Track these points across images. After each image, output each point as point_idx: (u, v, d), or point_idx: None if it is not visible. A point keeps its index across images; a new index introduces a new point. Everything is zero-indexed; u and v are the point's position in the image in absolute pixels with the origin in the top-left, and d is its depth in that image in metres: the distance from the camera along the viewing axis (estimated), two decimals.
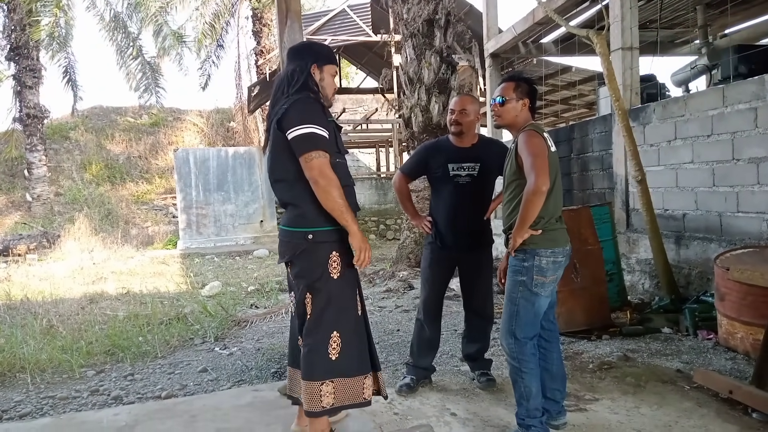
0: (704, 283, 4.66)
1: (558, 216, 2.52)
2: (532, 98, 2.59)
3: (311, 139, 2.15)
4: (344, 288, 2.29)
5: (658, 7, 7.92)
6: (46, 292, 7.00)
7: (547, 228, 2.46)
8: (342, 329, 2.26)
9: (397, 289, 6.49)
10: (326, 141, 2.19)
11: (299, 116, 2.17)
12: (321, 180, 2.13)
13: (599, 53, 4.82)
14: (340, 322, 2.27)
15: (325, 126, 2.21)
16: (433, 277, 3.20)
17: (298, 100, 2.22)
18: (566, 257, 2.54)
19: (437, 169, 3.11)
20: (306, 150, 2.14)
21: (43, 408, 3.24)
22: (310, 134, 2.15)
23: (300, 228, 2.25)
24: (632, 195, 5.62)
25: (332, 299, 2.26)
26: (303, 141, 2.15)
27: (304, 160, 2.15)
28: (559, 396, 2.62)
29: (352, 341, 2.29)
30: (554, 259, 2.47)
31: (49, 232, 12.93)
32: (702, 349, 3.75)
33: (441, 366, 3.60)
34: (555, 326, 2.68)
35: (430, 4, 7.30)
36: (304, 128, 2.15)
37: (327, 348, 2.24)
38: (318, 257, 2.25)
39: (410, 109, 7.50)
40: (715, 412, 2.74)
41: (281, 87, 2.32)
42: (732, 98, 4.44)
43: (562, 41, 8.62)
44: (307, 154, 2.14)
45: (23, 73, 15.50)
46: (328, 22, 13.71)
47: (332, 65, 2.40)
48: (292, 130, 2.16)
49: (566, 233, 2.57)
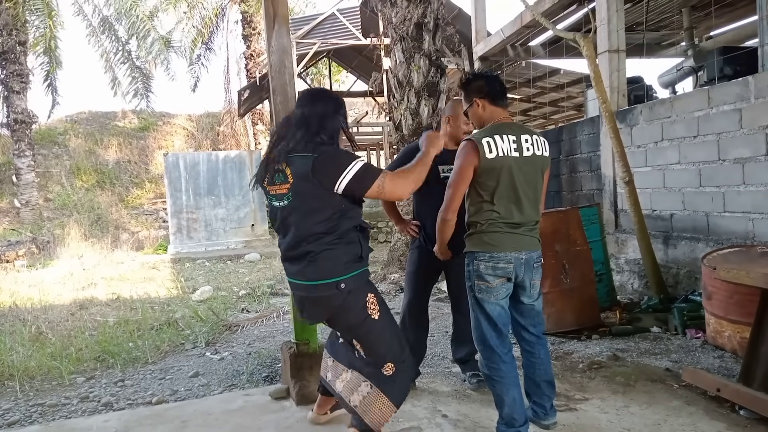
0: (692, 283, 4.70)
1: (507, 220, 2.39)
2: (489, 93, 2.49)
3: (370, 171, 2.15)
4: (392, 324, 2.34)
5: (644, 10, 8.00)
6: (35, 298, 6.93)
7: (485, 231, 2.41)
8: (397, 362, 2.30)
9: (389, 291, 6.50)
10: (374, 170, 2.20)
11: (343, 160, 2.12)
12: (401, 184, 2.20)
13: (586, 56, 4.87)
14: (392, 351, 2.30)
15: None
16: (419, 280, 3.18)
17: (328, 148, 2.16)
18: (516, 263, 2.39)
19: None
20: (373, 179, 2.14)
21: (32, 416, 3.21)
22: (364, 166, 2.14)
23: (328, 279, 2.16)
24: (620, 196, 5.67)
25: (381, 335, 2.28)
26: (364, 176, 2.13)
27: (374, 194, 2.14)
28: (547, 400, 2.59)
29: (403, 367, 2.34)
30: (493, 264, 2.38)
31: (39, 238, 12.81)
32: (690, 347, 3.79)
33: (432, 368, 3.61)
34: (536, 335, 2.58)
35: (418, 7, 7.32)
36: (355, 165, 2.12)
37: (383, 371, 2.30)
38: (357, 306, 2.22)
39: (400, 112, 7.52)
40: (704, 410, 2.77)
41: (305, 128, 2.20)
42: (717, 99, 4.49)
43: (550, 44, 8.68)
44: (376, 182, 2.14)
45: (10, 78, 15.36)
46: (318, 26, 13.72)
47: (346, 118, 2.39)
48: (343, 175, 2.10)
49: (521, 239, 2.42)
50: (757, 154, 4.18)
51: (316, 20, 13.85)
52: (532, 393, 2.61)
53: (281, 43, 2.99)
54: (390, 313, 2.34)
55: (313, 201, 2.13)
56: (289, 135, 2.19)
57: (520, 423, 2.41)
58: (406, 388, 2.36)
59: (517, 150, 2.40)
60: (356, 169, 2.11)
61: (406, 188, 2.23)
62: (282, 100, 3.03)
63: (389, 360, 2.26)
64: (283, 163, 2.16)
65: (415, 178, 2.25)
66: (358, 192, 2.13)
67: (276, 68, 3.01)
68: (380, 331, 2.26)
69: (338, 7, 13.76)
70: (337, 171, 2.10)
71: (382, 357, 2.26)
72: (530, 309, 2.55)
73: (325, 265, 2.14)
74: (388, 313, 2.32)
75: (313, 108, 2.25)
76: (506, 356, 2.45)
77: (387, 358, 2.26)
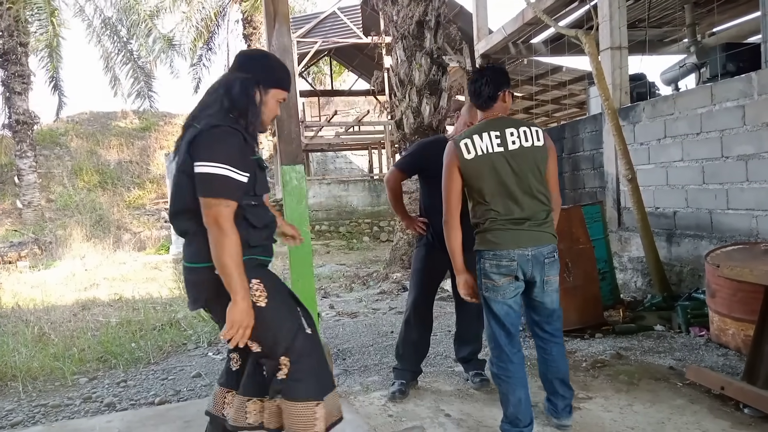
0: (696, 280, 4.69)
1: (509, 217, 2.38)
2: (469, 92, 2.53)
3: (218, 184, 1.79)
4: (280, 309, 1.96)
5: (646, 7, 7.98)
6: (37, 299, 6.95)
7: (488, 229, 2.41)
8: (291, 352, 1.95)
9: (391, 290, 6.49)
10: (238, 187, 1.82)
11: (213, 149, 1.80)
12: (214, 231, 1.78)
13: (588, 53, 4.85)
14: (283, 339, 1.95)
15: (243, 166, 1.84)
16: (426, 277, 3.16)
17: (219, 126, 1.84)
18: (519, 260, 2.37)
19: (437, 166, 3.07)
20: (207, 194, 1.79)
21: (35, 416, 3.21)
22: (219, 176, 1.79)
23: (209, 263, 1.84)
24: (623, 193, 5.65)
25: (269, 326, 1.92)
26: (208, 183, 1.79)
27: (203, 203, 1.80)
28: (560, 399, 2.58)
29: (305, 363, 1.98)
30: (497, 262, 2.37)
31: (41, 239, 12.84)
32: (694, 345, 3.77)
33: (435, 367, 3.60)
34: (550, 332, 2.55)
35: (420, 5, 7.31)
36: (214, 167, 1.78)
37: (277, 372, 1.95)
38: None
39: (402, 110, 7.51)
40: (708, 408, 2.75)
41: (213, 97, 1.94)
42: (720, 96, 4.47)
43: (552, 41, 8.67)
44: (207, 199, 1.79)
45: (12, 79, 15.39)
46: (319, 25, 13.71)
47: (282, 90, 2.01)
48: (200, 163, 1.80)
49: (525, 234, 2.39)
50: (760, 150, 4.15)
51: (317, 19, 13.85)
52: (546, 389, 2.61)
53: (282, 42, 2.98)
54: (285, 300, 2.01)
55: (187, 168, 1.86)
56: (207, 105, 1.94)
57: (524, 423, 2.39)
58: (315, 377, 1.99)
59: (501, 145, 2.37)
60: (209, 171, 1.79)
61: (212, 234, 1.79)
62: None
63: (281, 353, 1.93)
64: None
65: (221, 253, 1.78)
66: (197, 188, 1.82)
67: None
68: (267, 319, 1.91)
69: (339, 5, 13.76)
70: (201, 154, 1.81)
71: (272, 348, 1.94)
72: (543, 306, 2.50)
73: (202, 243, 1.85)
74: (280, 300, 1.99)
75: (233, 72, 1.98)
76: (515, 356, 2.43)
77: (278, 350, 1.93)
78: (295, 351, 1.95)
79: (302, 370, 1.95)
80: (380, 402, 3.01)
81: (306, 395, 1.95)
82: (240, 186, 1.83)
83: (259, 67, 1.98)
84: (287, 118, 3.03)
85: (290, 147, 3.05)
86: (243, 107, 1.91)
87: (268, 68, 2.00)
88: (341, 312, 5.56)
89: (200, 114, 1.92)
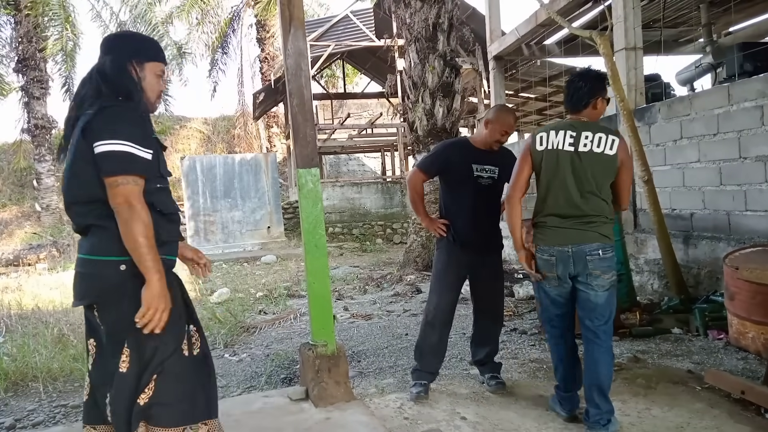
0: (714, 283, 4.63)
1: (553, 213, 2.56)
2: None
3: (123, 160, 1.68)
4: (172, 326, 1.79)
5: (661, 7, 7.91)
6: (56, 301, 7.04)
7: (538, 223, 2.63)
8: (162, 373, 1.80)
9: (405, 293, 6.49)
10: (144, 164, 1.73)
11: (111, 127, 1.70)
12: (124, 211, 1.67)
13: (603, 54, 4.82)
14: (162, 365, 1.80)
15: (145, 144, 1.74)
16: (451, 279, 3.12)
17: (111, 106, 1.74)
18: (558, 257, 2.53)
19: (460, 166, 3.07)
20: (114, 172, 1.67)
21: (56, 417, 3.27)
22: (122, 153, 1.68)
23: (108, 256, 1.73)
24: (639, 195, 5.60)
25: (160, 346, 1.79)
26: (112, 160, 1.68)
27: (109, 184, 1.68)
28: (592, 406, 2.51)
29: (175, 387, 1.83)
30: (540, 255, 2.60)
31: (59, 242, 13.03)
32: (713, 349, 3.73)
33: (450, 369, 3.60)
34: (593, 330, 2.57)
35: (433, 8, 7.32)
36: (116, 144, 1.68)
37: (137, 395, 1.78)
38: (136, 296, 1.71)
39: (415, 113, 7.52)
40: (728, 413, 2.72)
41: (88, 87, 1.82)
42: (738, 96, 4.42)
43: (566, 42, 8.62)
44: (114, 177, 1.67)
45: (31, 85, 15.67)
46: (332, 28, 13.77)
47: (157, 63, 1.90)
48: (99, 143, 1.68)
49: (568, 233, 2.52)
50: None
51: (329, 22, 13.90)
52: (584, 394, 2.60)
53: (297, 46, 3.00)
54: (179, 321, 1.88)
55: (81, 157, 1.76)
56: (82, 96, 1.83)
57: (562, 390, 2.71)
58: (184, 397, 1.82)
59: (573, 145, 2.50)
60: (110, 149, 1.68)
61: (122, 216, 1.68)
62: (299, 102, 3.03)
63: (154, 370, 1.78)
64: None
65: (131, 234, 1.67)
66: (100, 170, 1.70)
67: (292, 71, 3.02)
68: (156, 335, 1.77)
69: (352, 9, 13.81)
70: (99, 134, 1.70)
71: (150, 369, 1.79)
72: (587, 300, 2.57)
73: (103, 236, 1.77)
74: (177, 320, 1.86)
75: (101, 58, 1.87)
76: (553, 333, 2.74)
77: (155, 365, 1.78)
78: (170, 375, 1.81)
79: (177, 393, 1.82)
80: (396, 404, 3.01)
81: (175, 418, 1.81)
82: (145, 163, 1.73)
83: (126, 44, 1.91)
84: (303, 121, 3.05)
85: (306, 150, 3.06)
86: (124, 87, 1.81)
87: (136, 43, 1.94)
88: (356, 314, 5.58)
89: (83, 105, 1.80)
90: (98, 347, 1.85)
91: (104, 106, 1.74)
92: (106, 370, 1.81)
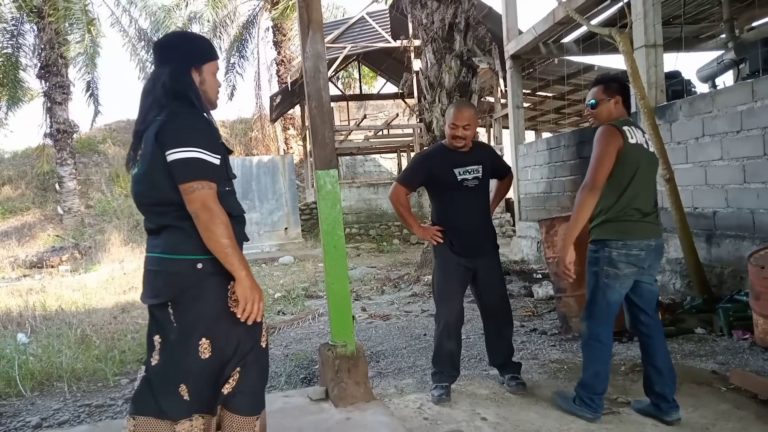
0: (738, 282, 4.55)
1: (639, 208, 2.56)
2: (623, 94, 2.71)
3: (196, 166, 1.76)
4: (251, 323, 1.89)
5: (681, 3, 7.80)
6: (79, 302, 7.16)
7: (616, 219, 2.55)
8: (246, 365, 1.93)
9: (423, 293, 6.48)
10: (214, 169, 1.80)
11: (181, 135, 1.77)
12: (203, 215, 1.75)
13: (622, 51, 4.77)
14: (245, 357, 1.92)
15: (214, 149, 1.82)
16: (454, 287, 3.09)
17: (181, 114, 1.81)
18: (647, 251, 2.56)
19: (443, 175, 3.05)
20: (188, 179, 1.75)
21: (80, 416, 3.32)
22: (194, 160, 1.76)
23: (186, 255, 1.80)
24: (661, 194, 5.51)
25: (242, 340, 1.89)
26: (185, 167, 1.75)
27: (184, 190, 1.75)
28: (668, 391, 2.61)
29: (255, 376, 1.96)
30: (626, 251, 2.53)
31: (81, 244, 13.25)
32: (738, 349, 3.66)
33: (470, 370, 3.59)
34: (655, 319, 2.68)
35: (449, 8, 7.30)
36: (188, 152, 1.75)
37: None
38: (214, 293, 1.83)
39: (432, 113, 7.51)
40: (755, 414, 2.67)
41: (153, 96, 1.88)
42: (762, 92, 4.34)
43: (584, 40, 8.54)
44: (188, 183, 1.74)
45: (53, 90, 15.95)
46: (348, 30, 13.81)
47: (213, 61, 1.96)
48: (171, 151, 1.75)
49: (650, 227, 2.60)
50: None
51: (345, 24, 13.95)
52: (655, 383, 2.63)
53: (316, 48, 3.01)
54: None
55: (157, 162, 1.82)
56: (149, 104, 1.89)
57: (597, 392, 2.65)
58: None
59: (646, 144, 2.64)
60: (183, 156, 1.75)
61: (201, 220, 1.76)
62: (317, 104, 3.05)
63: (238, 363, 1.90)
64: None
65: (214, 236, 1.77)
66: (175, 177, 1.77)
67: (310, 74, 3.04)
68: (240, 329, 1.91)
69: (367, 10, 13.83)
70: (171, 141, 1.77)
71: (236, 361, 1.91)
72: (649, 290, 2.65)
73: (177, 236, 1.84)
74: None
75: (160, 67, 1.91)
76: (603, 337, 2.65)
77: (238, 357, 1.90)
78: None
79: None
80: (415, 405, 3.01)
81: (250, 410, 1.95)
82: (215, 168, 1.81)
83: (183, 51, 1.94)
84: (321, 123, 3.06)
85: (324, 152, 3.07)
86: (187, 96, 1.86)
87: (192, 48, 1.96)
88: (373, 314, 5.58)
89: (149, 116, 1.86)
90: (163, 342, 1.88)
91: (174, 112, 1.81)
92: (173, 362, 1.86)
